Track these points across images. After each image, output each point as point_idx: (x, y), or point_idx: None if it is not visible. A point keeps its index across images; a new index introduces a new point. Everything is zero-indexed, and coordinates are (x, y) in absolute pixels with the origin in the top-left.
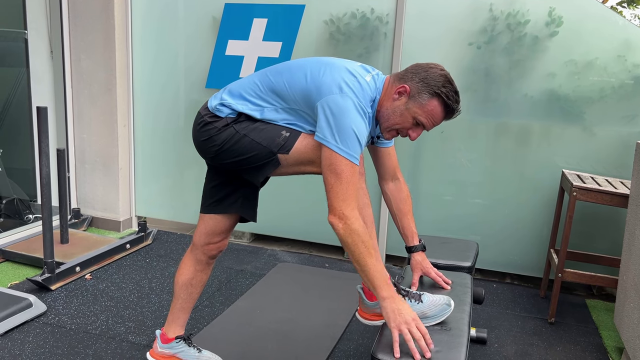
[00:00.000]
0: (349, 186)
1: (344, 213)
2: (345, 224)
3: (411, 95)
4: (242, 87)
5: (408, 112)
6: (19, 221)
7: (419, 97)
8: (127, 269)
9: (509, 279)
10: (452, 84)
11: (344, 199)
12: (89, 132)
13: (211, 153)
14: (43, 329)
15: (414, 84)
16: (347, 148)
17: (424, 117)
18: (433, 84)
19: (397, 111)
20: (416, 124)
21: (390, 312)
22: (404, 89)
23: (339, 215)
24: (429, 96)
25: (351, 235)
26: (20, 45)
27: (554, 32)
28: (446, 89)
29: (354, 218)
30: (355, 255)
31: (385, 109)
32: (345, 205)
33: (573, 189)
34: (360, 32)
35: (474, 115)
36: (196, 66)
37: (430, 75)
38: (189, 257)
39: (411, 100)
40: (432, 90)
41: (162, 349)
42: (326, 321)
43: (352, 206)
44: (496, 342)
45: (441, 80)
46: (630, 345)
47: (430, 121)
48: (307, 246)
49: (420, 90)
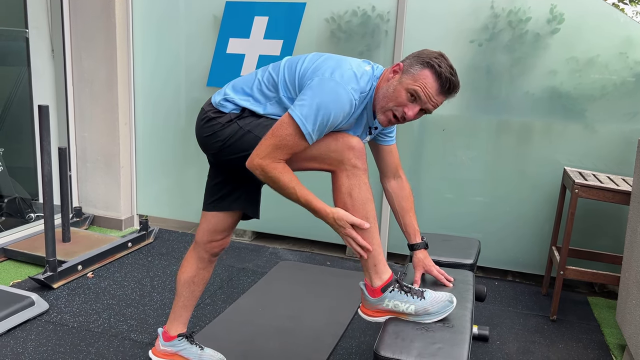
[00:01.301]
0: (275, 140)
1: (260, 163)
2: (263, 168)
3: (404, 70)
4: (245, 82)
5: (401, 86)
6: (20, 220)
7: (411, 69)
8: (129, 267)
9: (511, 276)
10: (445, 58)
11: (264, 156)
12: (90, 131)
13: (214, 149)
14: (45, 327)
15: (407, 60)
16: (301, 113)
17: (417, 85)
18: (424, 56)
19: (391, 87)
20: (412, 100)
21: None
22: (398, 66)
23: (255, 166)
24: (421, 67)
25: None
26: (22, 44)
27: (556, 30)
28: (438, 60)
29: (270, 164)
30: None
31: (380, 89)
32: (261, 161)
33: (575, 186)
34: (362, 30)
35: (475, 113)
36: (197, 64)
37: (424, 51)
38: (192, 255)
39: (404, 74)
40: (424, 61)
41: (164, 346)
42: (328, 319)
43: (271, 158)
44: (498, 339)
45: (434, 54)
46: (633, 343)
47: (424, 92)
48: (308, 244)
49: (412, 63)
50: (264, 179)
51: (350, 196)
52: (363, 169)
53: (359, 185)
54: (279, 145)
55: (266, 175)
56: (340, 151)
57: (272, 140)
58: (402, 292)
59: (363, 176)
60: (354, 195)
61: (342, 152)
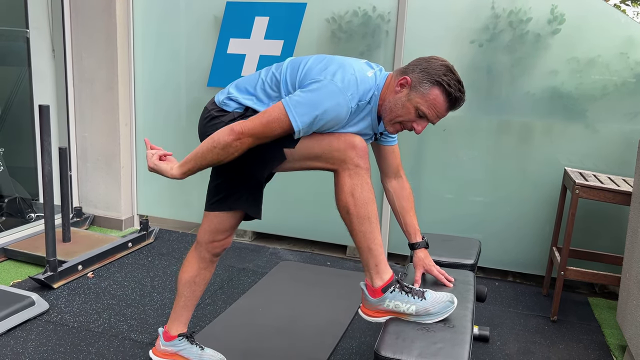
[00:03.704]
0: (261, 126)
1: (241, 130)
2: (237, 135)
3: (412, 86)
4: (249, 82)
5: (410, 103)
6: (21, 220)
7: (420, 87)
8: (129, 267)
9: (511, 277)
10: (453, 73)
11: (251, 131)
12: (91, 131)
13: None
14: (45, 327)
15: (415, 74)
16: (295, 108)
17: (426, 106)
18: (434, 73)
19: (399, 103)
20: (420, 116)
21: None
22: (405, 80)
23: (236, 133)
24: (430, 85)
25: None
26: (22, 44)
27: (556, 30)
28: (447, 78)
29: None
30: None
31: (388, 102)
32: (244, 127)
33: (575, 187)
34: (362, 30)
35: (476, 113)
36: (198, 64)
37: (432, 65)
38: (193, 255)
39: (413, 90)
40: (433, 79)
41: (165, 346)
42: (328, 319)
43: (250, 140)
44: (499, 340)
45: (442, 69)
46: (633, 343)
47: (433, 111)
48: (309, 244)
49: (421, 80)
50: (224, 147)
51: (353, 196)
52: (365, 168)
53: (361, 185)
54: (265, 131)
55: (234, 147)
56: (343, 150)
57: (261, 124)
58: (402, 293)
59: (365, 176)
60: (356, 194)
61: (345, 151)
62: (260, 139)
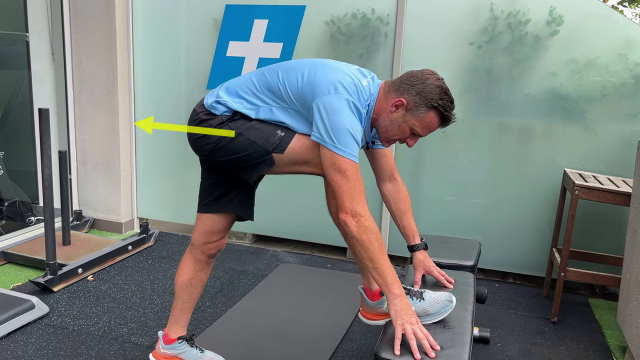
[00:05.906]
0: (356, 183)
1: (356, 211)
2: (358, 221)
3: (408, 108)
4: (239, 85)
5: (406, 125)
6: (20, 223)
7: (416, 111)
8: (129, 270)
9: (512, 278)
10: (447, 94)
11: (353, 197)
12: (91, 134)
13: (205, 151)
14: (46, 331)
15: (410, 97)
16: (345, 147)
17: (421, 128)
18: (430, 97)
19: (395, 123)
20: (413, 134)
21: (400, 309)
22: (401, 102)
23: (351, 214)
24: (427, 109)
25: (365, 233)
26: (22, 48)
27: (555, 31)
28: (443, 101)
29: (366, 215)
30: (369, 253)
31: (383, 120)
32: (356, 203)
33: (575, 188)
34: (361, 33)
35: (476, 115)
36: (197, 67)
37: (427, 87)
38: (188, 257)
39: (409, 113)
40: (430, 104)
41: (165, 349)
42: (329, 321)
43: (362, 203)
44: (499, 341)
45: (437, 92)
46: (634, 344)
47: (427, 131)
48: (309, 247)
49: (418, 103)
50: (356, 232)
51: None
52: None
53: None
54: (354, 179)
55: (364, 225)
56: None
57: (348, 182)
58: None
59: None
60: None
61: None
62: (353, 180)
